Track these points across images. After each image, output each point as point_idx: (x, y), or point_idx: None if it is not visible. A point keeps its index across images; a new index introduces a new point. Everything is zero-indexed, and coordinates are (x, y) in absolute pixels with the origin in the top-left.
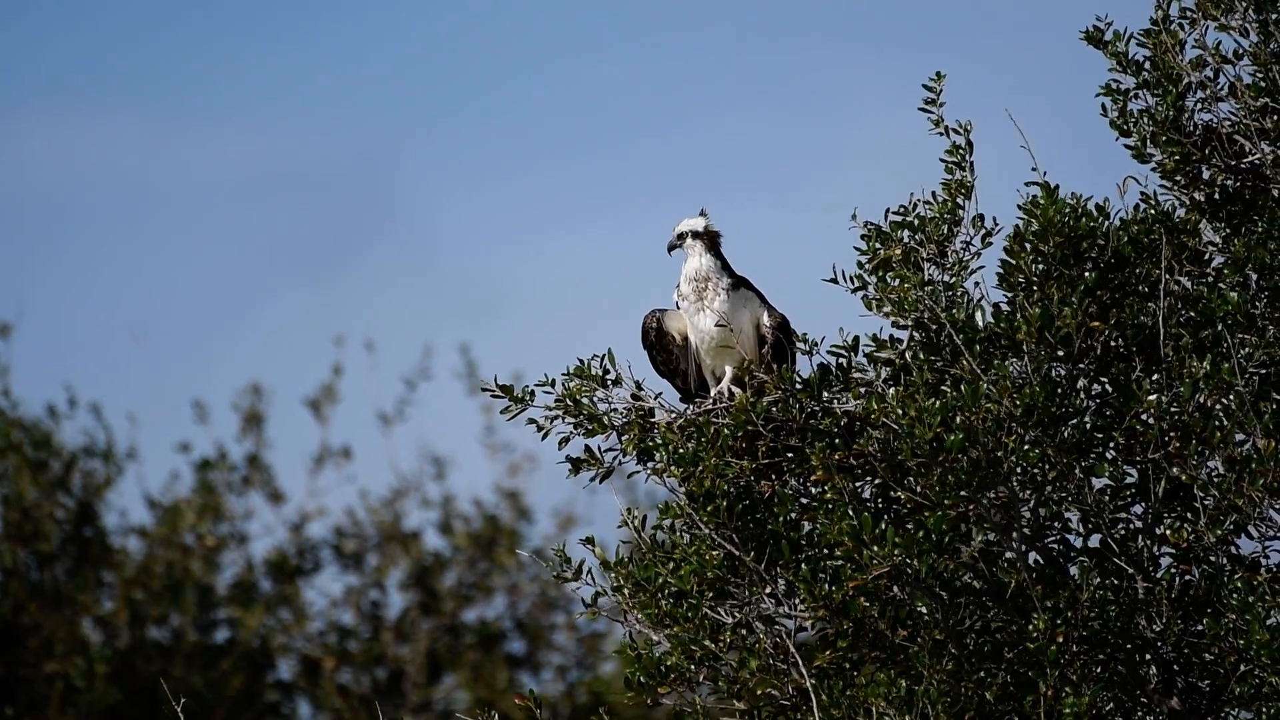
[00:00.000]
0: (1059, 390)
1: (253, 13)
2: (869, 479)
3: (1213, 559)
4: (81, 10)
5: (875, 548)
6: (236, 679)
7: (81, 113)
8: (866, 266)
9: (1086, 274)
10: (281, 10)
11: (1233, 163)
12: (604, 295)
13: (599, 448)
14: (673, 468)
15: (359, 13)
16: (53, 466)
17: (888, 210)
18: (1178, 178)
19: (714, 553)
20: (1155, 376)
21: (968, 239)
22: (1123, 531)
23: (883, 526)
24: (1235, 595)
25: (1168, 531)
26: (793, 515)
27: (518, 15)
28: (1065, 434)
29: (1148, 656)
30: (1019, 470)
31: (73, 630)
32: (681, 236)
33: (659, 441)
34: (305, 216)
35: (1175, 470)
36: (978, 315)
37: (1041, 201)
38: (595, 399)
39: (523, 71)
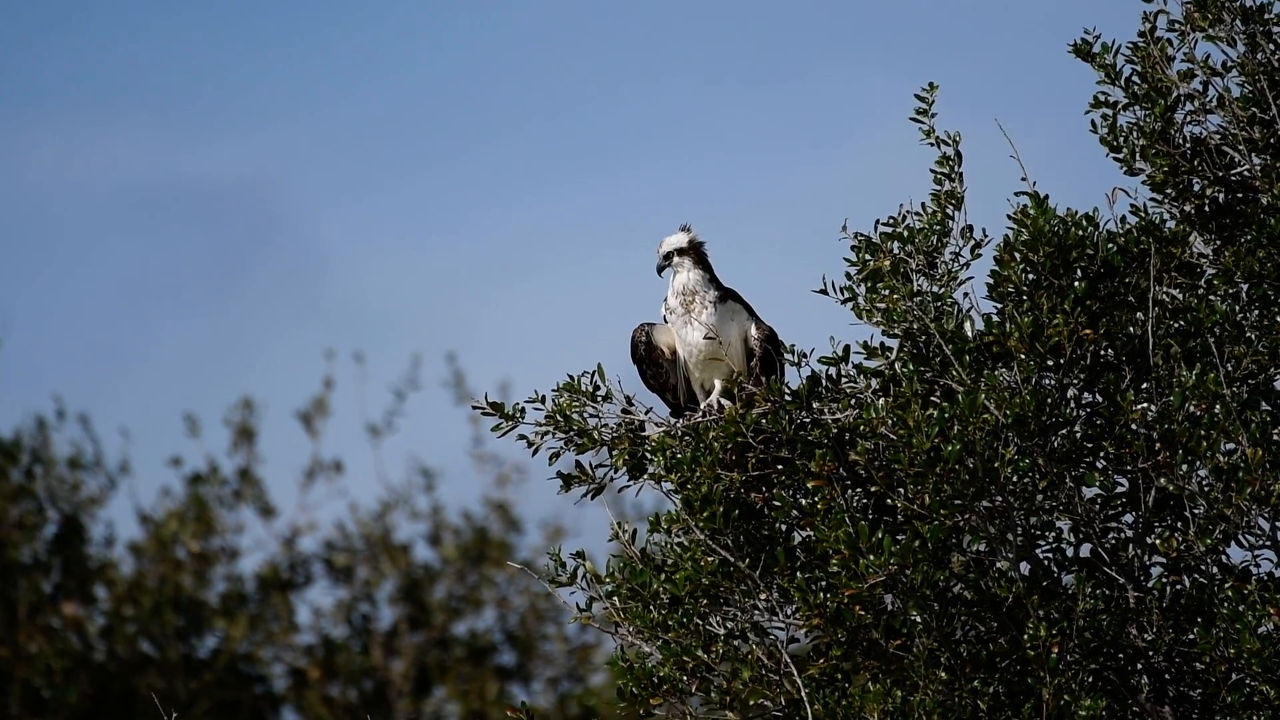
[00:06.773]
0: (1049, 400)
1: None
2: (859, 489)
3: (1203, 568)
4: None
5: (872, 556)
6: (221, 690)
7: (70, 122)
8: (855, 277)
9: (1076, 284)
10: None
11: (1221, 174)
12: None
13: (590, 463)
14: (670, 474)
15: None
16: (15, 477)
17: (877, 221)
18: (1168, 190)
19: (709, 559)
20: (1145, 386)
21: (957, 250)
22: (1113, 541)
23: (879, 535)
24: (1226, 604)
25: (1158, 541)
26: (785, 525)
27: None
28: (1055, 444)
29: (1139, 665)
30: (1013, 480)
31: (47, 640)
32: (668, 256)
33: (655, 448)
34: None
35: (1164, 480)
36: (966, 325)
37: (1032, 211)
38: (585, 414)
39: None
